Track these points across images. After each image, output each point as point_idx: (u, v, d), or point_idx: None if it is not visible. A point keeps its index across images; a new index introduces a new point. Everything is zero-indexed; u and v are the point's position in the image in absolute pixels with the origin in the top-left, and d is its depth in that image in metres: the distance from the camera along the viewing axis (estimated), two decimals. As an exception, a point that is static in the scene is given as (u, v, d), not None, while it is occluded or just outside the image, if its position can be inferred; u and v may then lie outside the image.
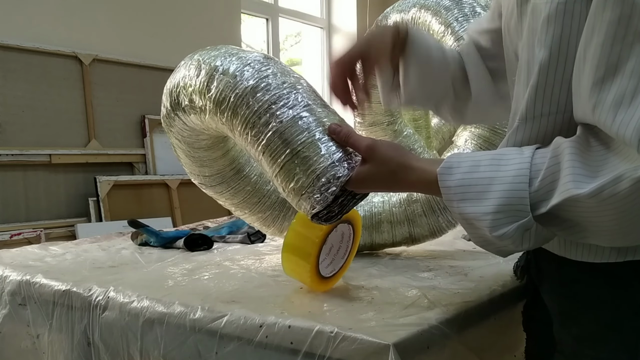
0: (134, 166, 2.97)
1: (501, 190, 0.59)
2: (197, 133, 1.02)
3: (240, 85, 0.85)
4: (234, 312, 0.75)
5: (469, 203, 0.60)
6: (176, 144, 1.09)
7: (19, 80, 2.55)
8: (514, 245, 0.60)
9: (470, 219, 0.61)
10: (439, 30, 1.44)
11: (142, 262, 1.17)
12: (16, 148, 2.52)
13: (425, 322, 0.69)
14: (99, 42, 2.84)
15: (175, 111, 0.98)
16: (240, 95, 0.84)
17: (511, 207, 0.58)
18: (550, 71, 0.61)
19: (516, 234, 0.58)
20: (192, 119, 0.96)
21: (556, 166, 0.57)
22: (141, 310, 0.84)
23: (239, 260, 1.16)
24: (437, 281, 0.92)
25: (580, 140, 0.57)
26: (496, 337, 0.85)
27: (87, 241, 1.49)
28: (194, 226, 1.65)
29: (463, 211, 0.61)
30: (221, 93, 0.87)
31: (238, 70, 0.87)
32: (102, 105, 2.84)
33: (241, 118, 0.84)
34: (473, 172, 0.61)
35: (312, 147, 0.77)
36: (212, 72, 0.89)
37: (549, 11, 0.59)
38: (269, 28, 4.03)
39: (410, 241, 1.21)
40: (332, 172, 0.74)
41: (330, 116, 0.81)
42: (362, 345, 0.63)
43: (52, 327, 0.97)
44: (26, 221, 2.56)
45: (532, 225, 0.58)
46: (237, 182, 1.12)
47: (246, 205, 1.14)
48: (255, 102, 0.83)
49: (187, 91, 0.93)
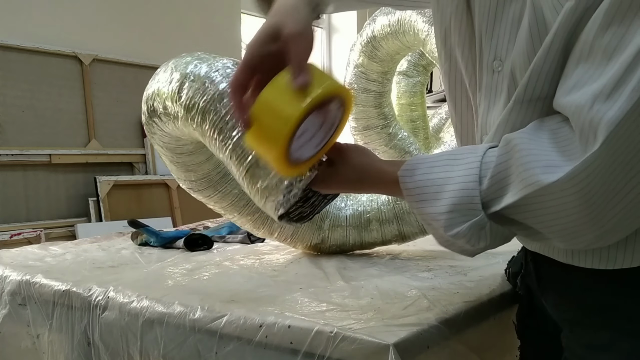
0: (134, 166, 2.98)
1: (453, 190, 0.59)
2: (176, 139, 1.03)
3: (208, 91, 0.87)
4: (233, 312, 0.75)
5: (426, 204, 0.61)
6: (160, 151, 1.10)
7: (19, 80, 2.56)
8: (469, 244, 0.60)
9: (428, 220, 0.62)
10: (424, 29, 1.44)
11: (142, 262, 1.17)
12: (16, 148, 2.53)
13: (425, 322, 0.69)
14: (99, 42, 2.84)
15: (152, 118, 1.00)
16: (208, 101, 0.86)
17: (463, 206, 0.58)
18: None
19: (470, 232, 0.58)
20: (168, 125, 0.98)
21: (505, 164, 0.56)
22: (141, 310, 0.84)
23: (239, 260, 1.16)
24: (437, 281, 0.92)
25: (533, 131, 0.56)
26: (497, 337, 0.85)
27: (87, 241, 1.49)
28: (194, 226, 1.65)
29: (422, 212, 0.62)
30: (191, 99, 0.88)
31: (207, 76, 0.89)
32: (102, 105, 2.85)
33: (210, 123, 0.85)
34: (429, 173, 0.62)
35: None
36: (182, 78, 0.91)
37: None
38: (269, 28, 4.03)
39: (400, 239, 1.20)
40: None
41: None
42: (362, 345, 0.63)
43: (52, 327, 0.97)
44: (26, 221, 2.56)
45: (486, 224, 0.58)
46: (224, 186, 1.12)
47: (235, 208, 1.14)
48: (222, 108, 0.84)
49: (161, 97, 0.95)
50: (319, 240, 1.17)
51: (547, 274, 0.73)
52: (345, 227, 1.18)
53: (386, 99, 1.82)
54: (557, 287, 0.71)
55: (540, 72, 0.57)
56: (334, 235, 1.17)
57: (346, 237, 1.18)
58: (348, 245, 1.19)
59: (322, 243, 1.17)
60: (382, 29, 1.62)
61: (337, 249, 1.19)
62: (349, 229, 1.18)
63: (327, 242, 1.17)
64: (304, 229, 1.16)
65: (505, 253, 1.13)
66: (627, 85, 0.47)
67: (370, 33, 1.67)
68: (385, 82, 1.79)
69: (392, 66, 1.77)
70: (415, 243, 1.31)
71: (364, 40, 1.72)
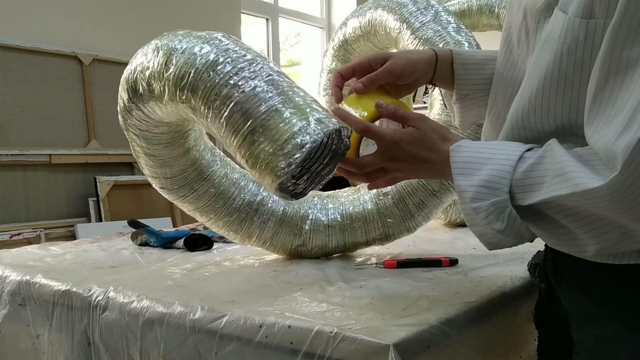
0: (134, 166, 2.97)
1: (489, 169, 0.65)
2: (155, 124, 0.98)
3: (199, 60, 0.83)
4: (233, 312, 0.75)
5: (463, 177, 0.67)
6: (134, 142, 1.04)
7: (19, 80, 2.56)
8: (486, 221, 0.65)
9: (460, 191, 0.67)
10: (396, 27, 1.42)
11: (142, 262, 1.17)
12: (16, 148, 2.53)
13: (425, 322, 0.69)
14: (99, 42, 2.84)
15: (133, 100, 0.95)
16: (200, 70, 0.82)
17: (492, 184, 0.64)
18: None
19: (490, 209, 0.64)
20: (150, 106, 0.93)
21: (542, 164, 0.62)
22: (141, 311, 0.84)
23: (239, 260, 1.16)
24: (436, 281, 0.92)
25: (571, 149, 0.62)
26: (500, 337, 0.85)
27: (87, 241, 1.49)
28: (194, 226, 1.65)
29: (457, 183, 0.67)
30: (180, 70, 0.84)
31: (196, 46, 0.85)
32: (102, 105, 2.85)
33: (201, 93, 0.82)
34: (477, 152, 0.68)
35: (276, 115, 0.75)
36: (169, 52, 0.87)
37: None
38: (269, 28, 4.03)
39: (385, 238, 1.17)
40: (299, 138, 0.73)
41: (292, 86, 0.80)
42: (362, 345, 0.63)
43: (52, 327, 0.97)
44: (26, 221, 2.56)
45: (507, 208, 0.64)
46: (200, 184, 1.08)
47: (211, 209, 1.09)
48: (215, 75, 0.81)
49: (145, 75, 0.90)
50: (300, 243, 1.13)
51: (563, 267, 0.76)
52: (327, 227, 1.14)
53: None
54: (571, 280, 0.73)
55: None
56: (316, 237, 1.13)
57: (329, 238, 1.14)
58: (331, 247, 1.15)
59: (303, 245, 1.13)
60: (354, 31, 1.59)
61: (319, 252, 1.15)
62: (331, 230, 1.14)
63: (308, 244, 1.13)
64: (284, 230, 1.12)
65: (506, 254, 1.13)
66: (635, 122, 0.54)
67: (342, 37, 1.64)
68: (359, 87, 1.77)
69: (365, 70, 1.74)
70: (415, 243, 1.31)
71: (336, 44, 1.68)
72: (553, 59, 0.64)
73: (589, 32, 0.60)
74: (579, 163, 0.59)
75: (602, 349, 0.67)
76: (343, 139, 0.77)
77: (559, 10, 0.64)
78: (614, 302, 0.67)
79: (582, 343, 0.71)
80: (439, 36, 1.30)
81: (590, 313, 0.69)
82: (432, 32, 1.31)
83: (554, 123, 0.66)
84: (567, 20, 0.62)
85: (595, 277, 0.68)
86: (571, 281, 0.74)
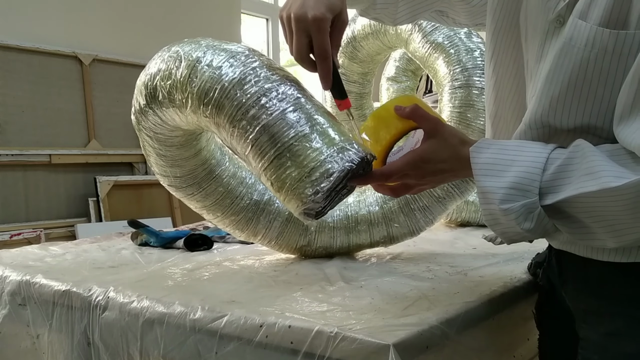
0: (133, 166, 2.98)
1: (518, 170, 0.66)
2: (171, 129, 0.98)
3: (225, 78, 0.82)
4: (234, 312, 0.75)
5: (489, 178, 0.67)
6: (147, 142, 1.04)
7: (19, 80, 2.56)
8: (516, 222, 0.65)
9: (486, 192, 0.67)
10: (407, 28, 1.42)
11: (142, 262, 1.17)
12: (16, 148, 2.53)
13: (425, 322, 0.69)
14: (99, 42, 2.84)
15: (151, 105, 0.94)
16: (226, 87, 0.81)
17: (522, 185, 0.65)
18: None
19: (520, 210, 0.65)
20: (169, 113, 0.92)
21: (570, 165, 0.63)
22: (141, 311, 0.84)
23: (239, 260, 1.16)
24: (437, 281, 0.92)
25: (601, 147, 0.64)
26: (495, 337, 0.85)
27: (87, 241, 1.48)
28: (194, 226, 1.65)
29: (482, 184, 0.68)
30: (205, 84, 0.83)
31: (223, 61, 0.84)
32: (102, 105, 2.85)
33: (227, 111, 0.81)
34: (500, 153, 0.69)
35: (305, 140, 0.75)
36: (193, 64, 0.85)
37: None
38: (269, 28, 4.03)
39: (389, 241, 1.18)
40: (326, 166, 0.73)
41: (321, 111, 0.80)
42: (362, 345, 0.63)
43: (52, 327, 0.97)
44: (26, 221, 2.56)
45: (537, 208, 0.64)
46: (208, 183, 1.08)
47: (218, 208, 1.09)
48: (243, 94, 0.80)
49: (165, 84, 0.89)
50: (305, 243, 1.14)
51: (567, 267, 0.78)
52: (332, 229, 1.15)
53: (367, 101, 1.81)
54: (577, 279, 0.76)
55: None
56: (321, 237, 1.14)
57: (333, 239, 1.15)
58: (335, 248, 1.16)
59: (308, 245, 1.14)
60: (363, 29, 1.59)
61: (323, 252, 1.16)
62: (336, 231, 1.15)
63: (313, 245, 1.14)
64: (290, 230, 1.12)
65: (506, 254, 1.13)
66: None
67: (351, 34, 1.64)
68: (366, 84, 1.77)
69: (373, 67, 1.74)
70: (415, 243, 1.31)
71: (344, 41, 1.67)
72: (579, 66, 0.65)
73: (618, 43, 0.62)
74: (610, 161, 0.61)
75: (610, 344, 0.70)
76: (366, 164, 0.77)
77: (577, 19, 0.65)
78: (622, 298, 0.69)
79: (589, 338, 0.73)
80: (450, 41, 1.32)
81: (597, 310, 0.72)
82: (443, 37, 1.34)
83: (573, 123, 0.67)
84: (592, 29, 0.63)
85: (601, 275, 0.71)
86: (577, 280, 0.76)
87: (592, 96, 0.65)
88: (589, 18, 0.64)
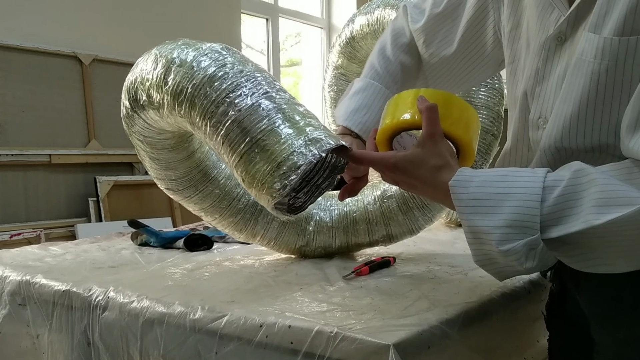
0: (134, 166, 2.97)
1: (513, 206, 0.60)
2: (158, 131, 0.98)
3: (197, 75, 0.83)
4: (234, 312, 0.75)
5: (480, 217, 0.61)
6: (139, 146, 1.05)
7: (19, 80, 2.55)
8: (517, 262, 0.60)
9: (479, 233, 0.62)
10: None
11: (142, 262, 1.17)
12: (16, 148, 2.52)
13: (425, 322, 0.69)
14: (99, 42, 2.84)
15: (134, 109, 0.94)
16: (197, 86, 0.82)
17: (521, 222, 0.59)
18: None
19: (523, 250, 0.59)
20: (151, 115, 0.93)
21: (575, 194, 0.58)
22: (141, 311, 0.84)
23: (239, 260, 1.16)
24: (437, 281, 0.92)
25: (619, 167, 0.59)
26: (502, 338, 0.85)
27: (87, 241, 1.48)
28: (194, 226, 1.65)
29: (473, 224, 0.62)
30: (178, 85, 0.84)
31: (195, 60, 0.84)
32: (102, 105, 2.84)
33: (199, 109, 0.81)
34: (486, 186, 0.63)
35: (272, 135, 0.75)
36: (168, 64, 0.86)
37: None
38: (269, 28, 4.03)
39: (388, 240, 1.18)
40: (293, 159, 0.73)
41: (291, 103, 0.80)
42: (362, 345, 0.63)
43: (52, 327, 0.97)
44: (26, 221, 2.56)
45: (539, 245, 0.59)
46: (205, 186, 1.08)
47: (216, 210, 1.09)
48: (212, 92, 0.80)
49: (145, 86, 0.90)
50: (303, 243, 1.14)
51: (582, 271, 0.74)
52: (331, 229, 1.14)
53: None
54: (593, 283, 0.71)
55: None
56: (319, 237, 1.14)
57: (332, 239, 1.15)
58: (334, 248, 1.16)
59: (306, 245, 1.14)
60: (361, 29, 1.59)
61: (322, 252, 1.16)
62: (335, 231, 1.15)
63: (312, 245, 1.14)
64: (288, 231, 1.12)
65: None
66: None
67: (349, 34, 1.64)
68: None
69: (372, 67, 1.75)
70: (415, 243, 1.31)
71: (343, 41, 1.68)
72: (590, 80, 0.62)
73: (629, 50, 0.59)
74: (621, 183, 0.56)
75: (626, 351, 0.67)
76: (342, 154, 0.77)
77: (588, 32, 0.62)
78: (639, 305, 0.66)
79: (605, 343, 0.70)
80: None
81: (614, 315, 0.69)
82: None
83: (590, 143, 0.63)
84: (601, 40, 0.60)
85: (619, 281, 0.67)
86: (592, 283, 0.71)
87: (607, 111, 0.61)
88: (603, 29, 0.60)
